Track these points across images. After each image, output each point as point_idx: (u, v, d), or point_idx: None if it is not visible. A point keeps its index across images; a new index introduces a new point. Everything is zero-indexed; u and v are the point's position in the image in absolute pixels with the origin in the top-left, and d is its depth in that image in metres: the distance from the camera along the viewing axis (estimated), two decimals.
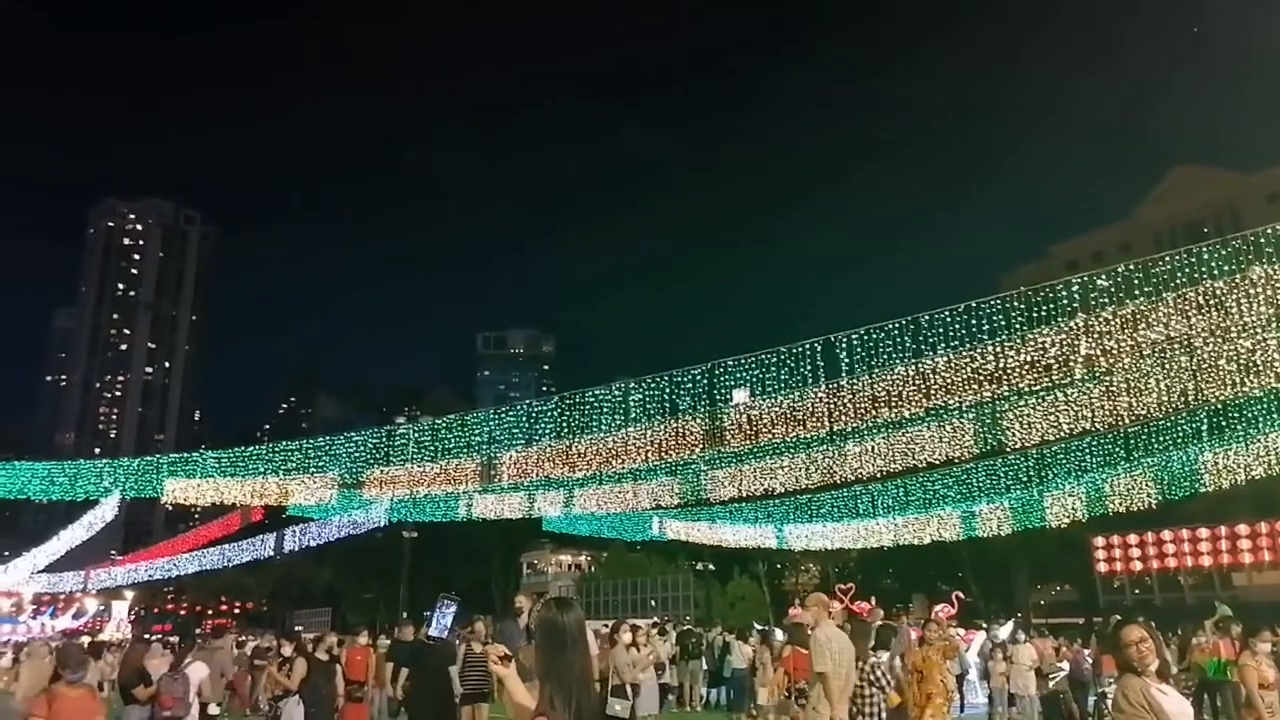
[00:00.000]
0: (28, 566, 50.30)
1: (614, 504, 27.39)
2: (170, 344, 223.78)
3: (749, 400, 18.31)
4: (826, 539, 34.06)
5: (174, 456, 28.91)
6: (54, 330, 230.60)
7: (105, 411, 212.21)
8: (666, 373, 18.78)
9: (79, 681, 7.09)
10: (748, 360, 17.56)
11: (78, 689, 6.96)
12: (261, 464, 25.57)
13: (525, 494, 27.94)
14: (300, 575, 78.36)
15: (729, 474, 23.83)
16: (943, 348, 16.08)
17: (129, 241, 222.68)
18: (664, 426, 19.19)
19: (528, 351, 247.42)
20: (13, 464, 30.12)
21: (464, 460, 23.39)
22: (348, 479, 25.76)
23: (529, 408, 22.29)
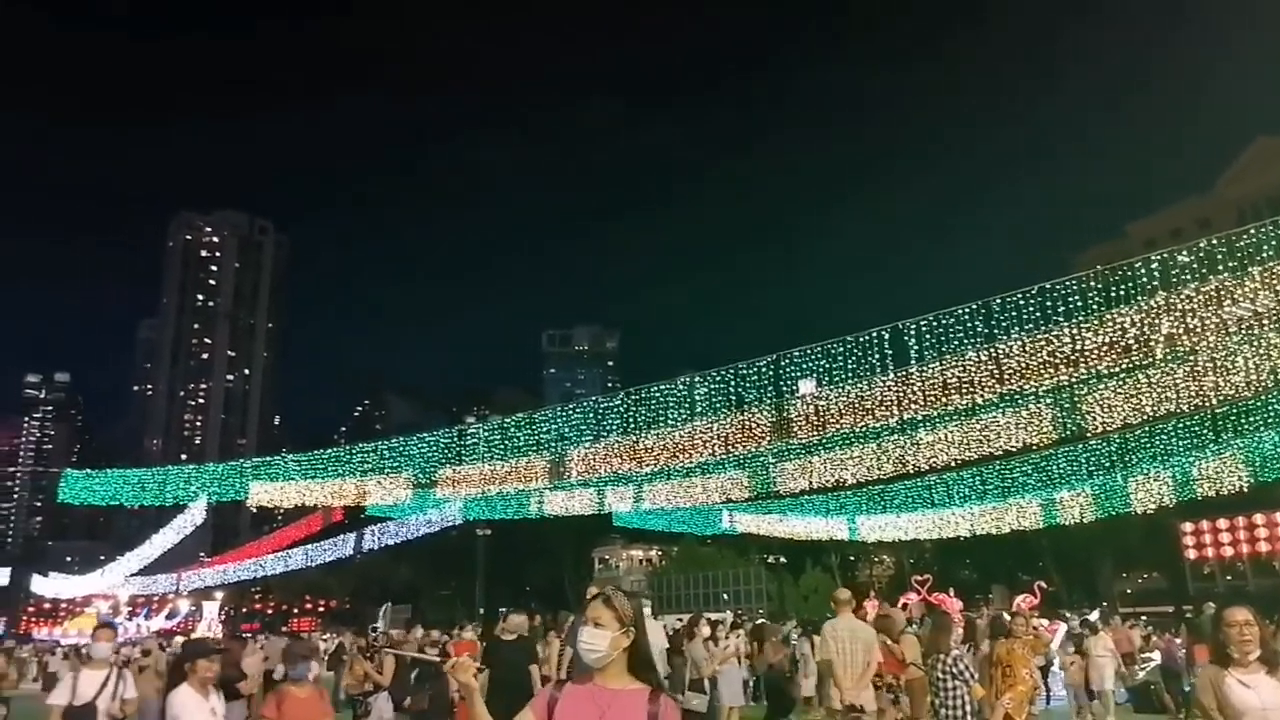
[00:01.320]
0: (123, 570, 52.63)
1: (683, 498, 27.39)
2: (249, 351, 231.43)
3: (816, 391, 18.13)
4: (900, 530, 33.55)
5: (257, 460, 29.87)
6: (139, 341, 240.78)
7: (190, 419, 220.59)
8: (732, 365, 18.72)
9: (303, 679, 6.74)
10: (814, 350, 17.38)
11: (305, 688, 6.60)
12: (339, 466, 26.28)
13: (594, 490, 28.12)
14: (379, 573, 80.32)
15: (798, 466, 23.61)
16: (1017, 331, 15.69)
17: (206, 253, 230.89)
18: (731, 419, 19.12)
19: (592, 348, 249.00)
20: (106, 472, 31.45)
21: (533, 458, 23.64)
22: (422, 479, 26.27)
23: (596, 404, 22.42)
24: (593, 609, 3.44)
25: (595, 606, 3.44)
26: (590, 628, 3.37)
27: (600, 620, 3.38)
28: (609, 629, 3.36)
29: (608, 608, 3.41)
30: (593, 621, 3.39)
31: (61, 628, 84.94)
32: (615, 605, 3.41)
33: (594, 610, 3.43)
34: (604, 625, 3.36)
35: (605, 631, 3.35)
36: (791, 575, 63.89)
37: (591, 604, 3.46)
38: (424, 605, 79.13)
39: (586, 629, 3.37)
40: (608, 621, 3.37)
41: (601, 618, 3.39)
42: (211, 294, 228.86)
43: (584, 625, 3.39)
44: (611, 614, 3.39)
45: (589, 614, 3.42)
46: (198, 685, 5.86)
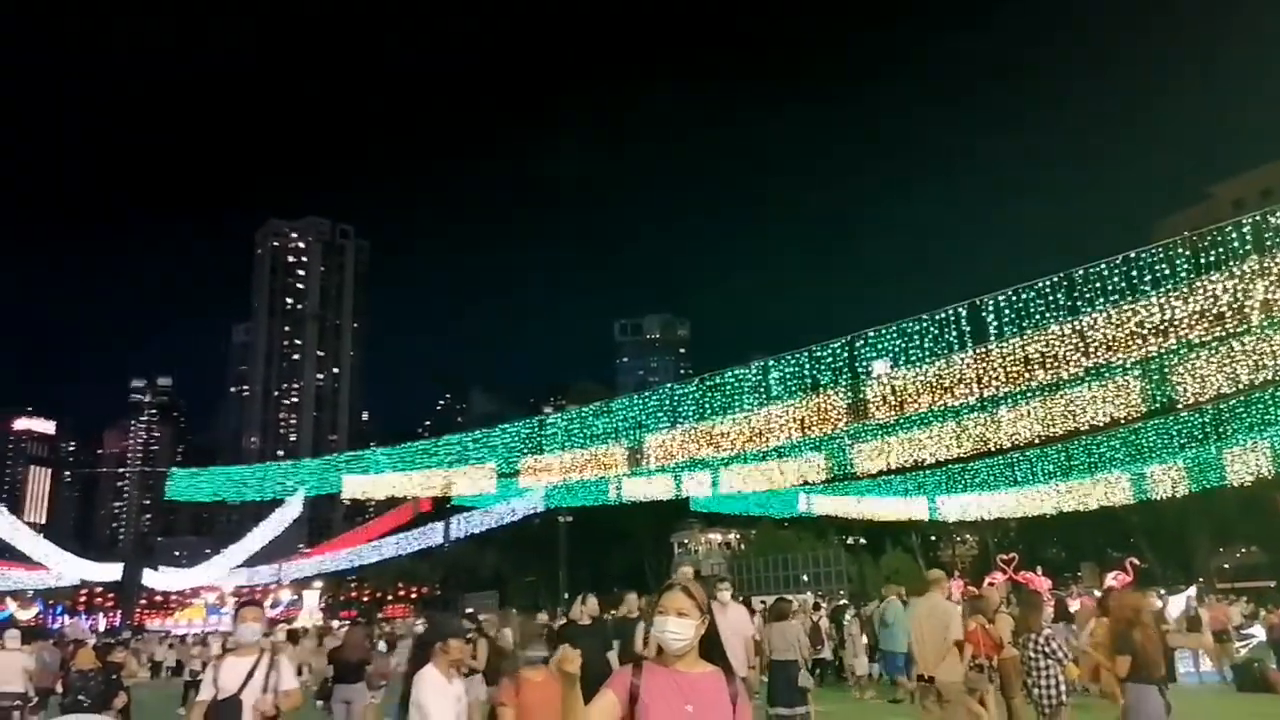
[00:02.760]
0: (227, 563, 55.36)
1: (760, 482, 27.44)
2: (336, 351, 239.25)
3: (892, 370, 17.98)
4: (983, 509, 32.94)
5: (348, 455, 31.07)
6: (234, 345, 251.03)
7: (284, 417, 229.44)
8: (805, 348, 18.69)
9: (537, 662, 6.12)
10: (889, 330, 17.23)
11: (539, 671, 5.98)
12: (426, 458, 27.17)
13: (672, 475, 28.39)
14: (467, 561, 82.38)
15: (875, 446, 23.42)
16: (1101, 303, 15.27)
17: (293, 259, 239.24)
18: (806, 402, 19.10)
19: (664, 336, 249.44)
20: (209, 470, 33.16)
21: (611, 445, 24.01)
22: (504, 468, 26.94)
23: (671, 391, 22.64)
24: (675, 599, 3.51)
25: (677, 597, 3.52)
26: (675, 618, 3.46)
27: (684, 610, 3.48)
28: (692, 618, 3.47)
29: (689, 597, 3.52)
30: (676, 611, 3.47)
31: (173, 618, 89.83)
32: (694, 594, 3.54)
33: (676, 600, 3.51)
34: (687, 615, 3.47)
35: (690, 620, 3.46)
36: (872, 556, 63.21)
37: (672, 594, 3.54)
38: (509, 591, 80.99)
39: (671, 619, 3.45)
40: (690, 610, 3.48)
41: (684, 607, 3.48)
42: (299, 297, 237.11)
43: (668, 615, 3.46)
44: (692, 603, 3.50)
45: (671, 604, 3.49)
46: (444, 667, 5.48)
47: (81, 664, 11.43)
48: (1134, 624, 7.81)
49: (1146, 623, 7.91)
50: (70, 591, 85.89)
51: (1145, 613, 8.03)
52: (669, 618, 3.46)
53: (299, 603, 75.96)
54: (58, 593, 78.94)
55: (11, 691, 13.60)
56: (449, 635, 5.56)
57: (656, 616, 3.51)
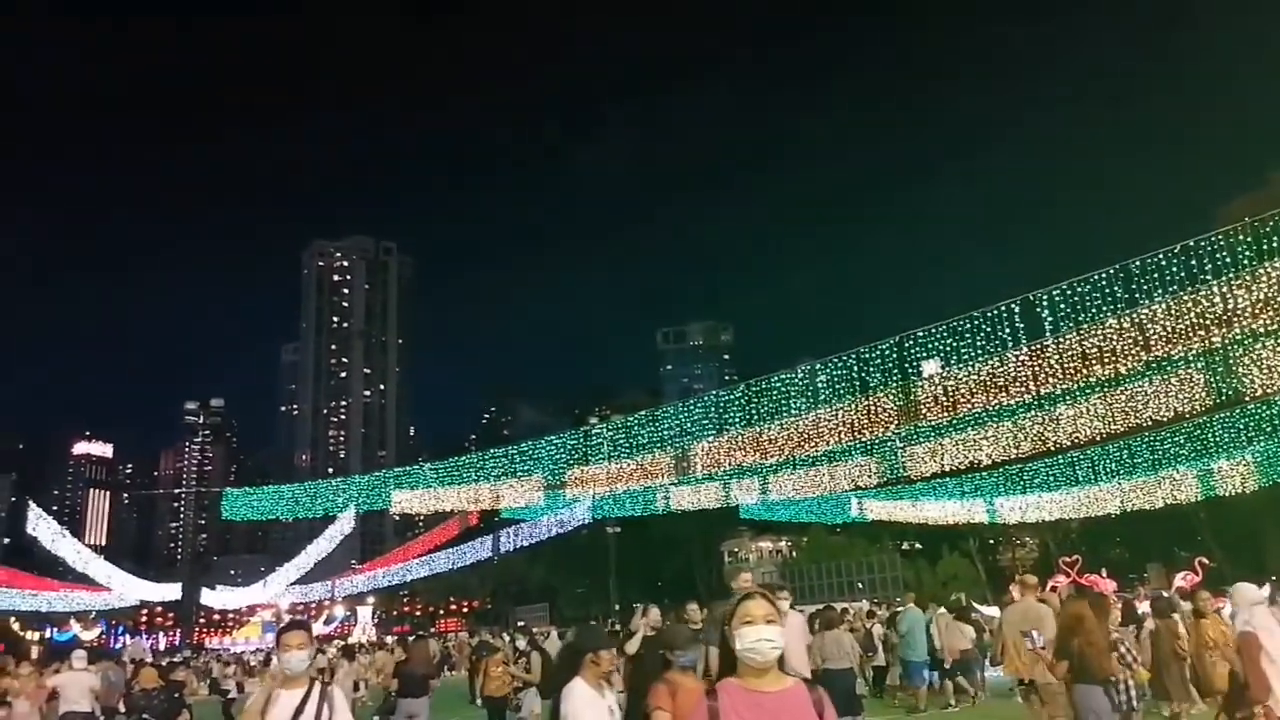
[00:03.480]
0: (282, 580, 56.22)
1: (810, 487, 27.12)
2: (382, 367, 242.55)
3: (943, 370, 17.61)
4: (1043, 510, 32.18)
5: (397, 470, 31.36)
6: (283, 365, 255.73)
7: (334, 434, 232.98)
8: (853, 350, 18.40)
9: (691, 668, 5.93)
10: (939, 329, 16.88)
11: (692, 678, 5.70)
12: (473, 471, 27.29)
13: (720, 483, 28.18)
14: (517, 573, 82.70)
15: (929, 449, 22.99)
16: (1160, 294, 14.80)
17: (338, 277, 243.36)
18: (855, 405, 18.80)
19: (707, 342, 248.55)
20: (263, 489, 33.69)
21: (658, 454, 23.89)
22: (551, 480, 26.95)
23: (717, 398, 22.45)
24: (761, 606, 3.21)
25: (762, 603, 3.23)
26: (766, 625, 3.16)
27: (771, 617, 3.19)
28: (780, 624, 3.22)
29: (769, 604, 3.25)
30: (765, 619, 3.17)
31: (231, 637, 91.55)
32: (774, 601, 3.29)
33: (763, 607, 3.21)
34: (775, 621, 3.19)
35: (780, 627, 3.20)
36: (928, 561, 62.10)
37: (755, 602, 3.24)
38: (560, 603, 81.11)
39: (764, 628, 3.15)
40: (776, 617, 3.22)
41: (771, 614, 3.20)
42: (345, 315, 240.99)
43: (758, 624, 3.15)
44: (774, 609, 3.25)
45: (759, 612, 3.18)
46: (594, 679, 5.04)
47: (145, 683, 11.59)
48: (1075, 631, 8.34)
49: (1089, 629, 8.35)
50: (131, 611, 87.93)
51: (1087, 620, 8.45)
52: (760, 626, 3.15)
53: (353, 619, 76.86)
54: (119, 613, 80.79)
55: (80, 711, 13.83)
56: (598, 645, 5.20)
57: (744, 628, 3.17)
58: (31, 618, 69.08)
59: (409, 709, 11.78)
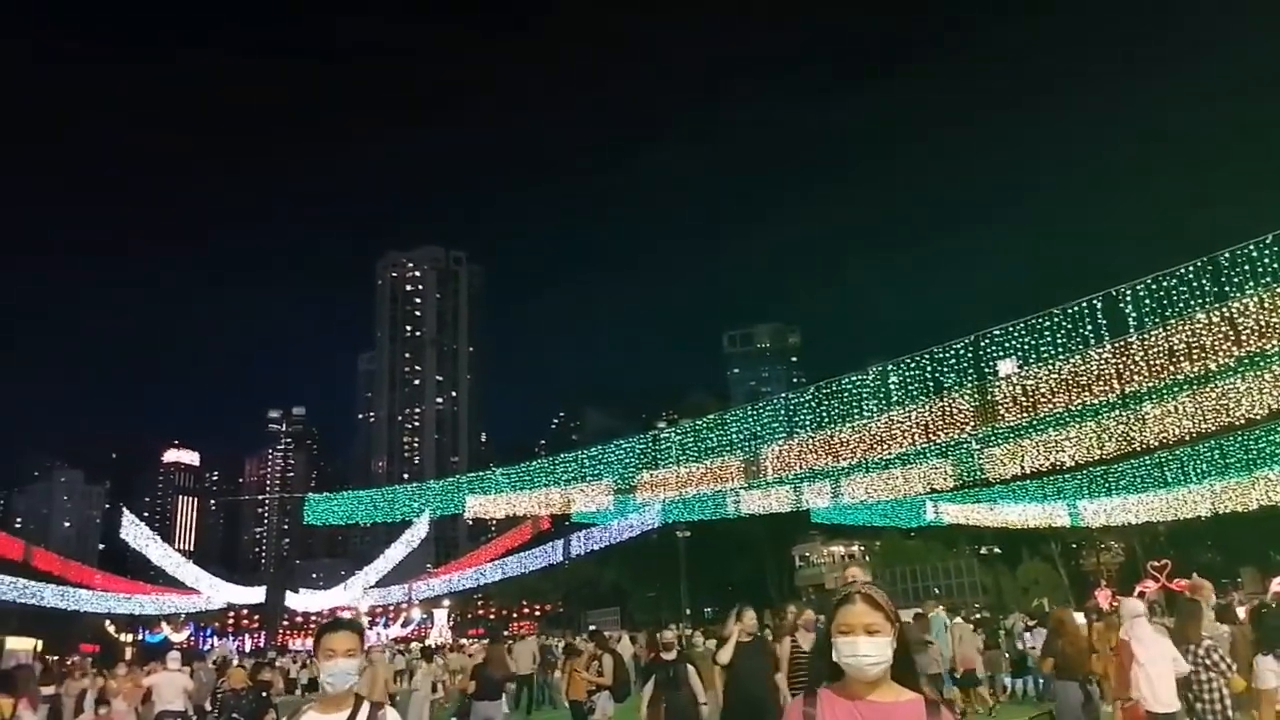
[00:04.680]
0: (361, 583, 57.68)
1: (883, 491, 26.72)
2: (454, 375, 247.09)
3: (1022, 370, 17.14)
4: (1130, 513, 31.04)
5: (470, 475, 31.93)
6: (360, 373, 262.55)
7: (408, 441, 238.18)
8: (926, 350, 18.03)
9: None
10: (1016, 327, 16.43)
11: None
12: (544, 476, 27.62)
13: (791, 487, 27.94)
14: (588, 577, 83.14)
15: (1007, 451, 22.42)
16: (1252, 286, 14.16)
17: (410, 287, 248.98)
18: (929, 406, 18.42)
19: (774, 345, 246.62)
20: (342, 494, 34.67)
21: (727, 458, 23.80)
22: (621, 484, 27.07)
23: (786, 400, 22.26)
24: (859, 613, 2.76)
25: (860, 609, 2.77)
26: (865, 638, 2.74)
27: (874, 626, 2.74)
28: (884, 634, 2.75)
29: (874, 607, 2.78)
30: (865, 629, 2.74)
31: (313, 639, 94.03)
32: (880, 602, 2.80)
33: (861, 614, 2.76)
34: (879, 631, 2.74)
35: (883, 638, 2.74)
36: (1007, 566, 60.42)
37: (851, 608, 2.79)
38: (631, 607, 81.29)
39: (862, 640, 2.73)
40: (880, 625, 2.76)
41: (874, 622, 2.75)
42: (418, 324, 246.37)
43: (855, 636, 2.74)
44: (881, 614, 2.77)
45: (857, 620, 2.75)
46: None
47: (234, 683, 11.99)
48: (1059, 634, 9.67)
49: (1071, 631, 9.79)
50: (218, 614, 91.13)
51: (1069, 624, 9.93)
52: (858, 639, 2.72)
53: (429, 621, 78.36)
54: (207, 615, 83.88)
55: (174, 710, 14.41)
56: None
57: (838, 638, 2.77)
58: (125, 620, 72.18)
59: (484, 711, 11.84)
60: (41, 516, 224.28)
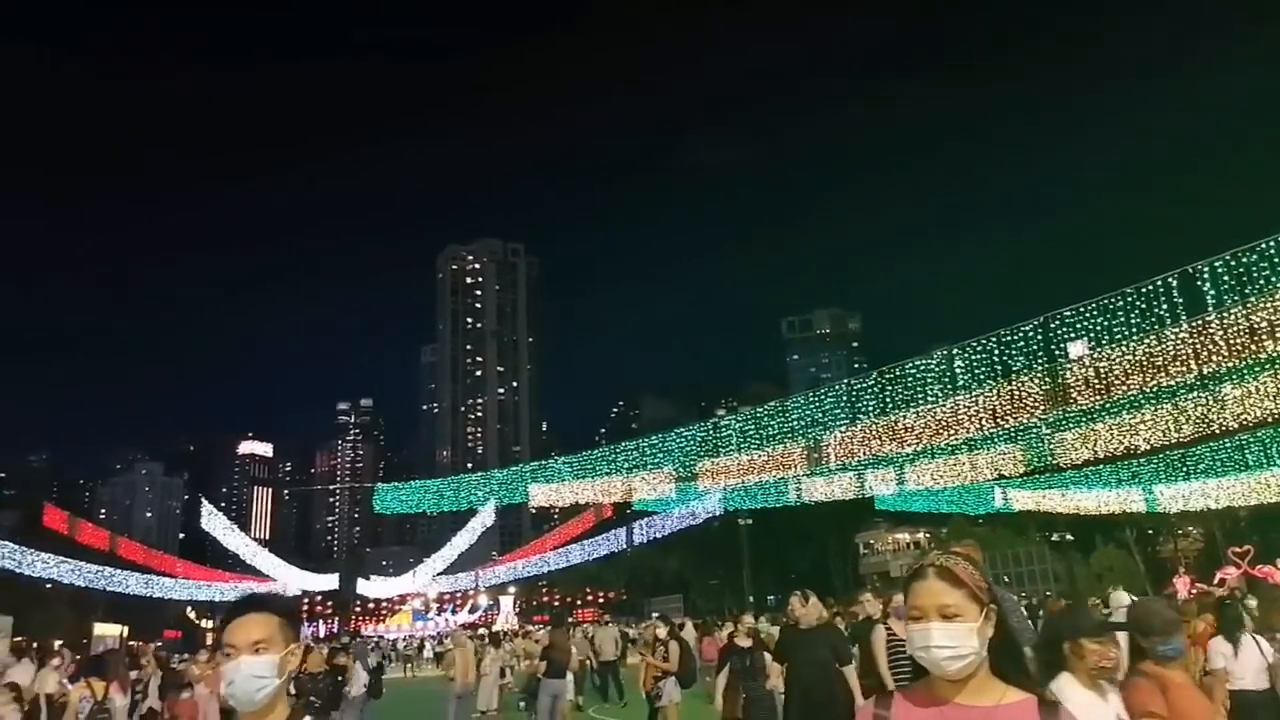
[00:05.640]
0: (430, 571, 58.94)
1: (950, 477, 26.29)
2: (514, 365, 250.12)
3: (1092, 351, 16.66)
4: (1209, 497, 30.01)
5: (533, 464, 32.31)
6: (423, 366, 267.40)
7: (471, 431, 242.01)
8: (993, 333, 17.65)
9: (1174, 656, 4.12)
10: (1088, 307, 15.97)
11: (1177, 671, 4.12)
12: (605, 465, 27.82)
13: (854, 474, 27.67)
14: (650, 565, 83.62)
15: (1079, 435, 21.84)
16: None
17: (470, 280, 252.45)
18: (997, 390, 18.05)
19: (834, 330, 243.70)
20: (410, 484, 35.40)
21: (788, 445, 23.66)
22: (682, 472, 27.13)
23: (849, 386, 22.02)
24: (930, 592, 2.12)
25: (933, 588, 2.12)
26: (939, 624, 2.08)
27: (952, 609, 2.08)
28: (968, 618, 2.08)
29: (954, 585, 2.11)
30: (939, 612, 2.09)
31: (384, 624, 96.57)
32: (965, 578, 2.13)
33: (935, 592, 2.12)
34: (960, 614, 2.08)
35: (966, 624, 2.07)
36: (1081, 553, 58.89)
37: (924, 584, 2.15)
38: (693, 595, 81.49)
39: (935, 626, 2.08)
40: (962, 606, 2.09)
41: (952, 602, 2.09)
42: (478, 316, 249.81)
43: (927, 621, 2.10)
44: (963, 593, 2.11)
45: (930, 600, 2.11)
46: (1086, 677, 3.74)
47: (312, 667, 12.37)
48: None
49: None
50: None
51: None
52: (930, 624, 2.09)
53: (496, 608, 79.71)
54: None
55: None
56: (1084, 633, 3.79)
57: (910, 625, 2.16)
58: (205, 607, 74.90)
59: (553, 689, 12.93)
60: (125, 508, 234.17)
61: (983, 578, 2.16)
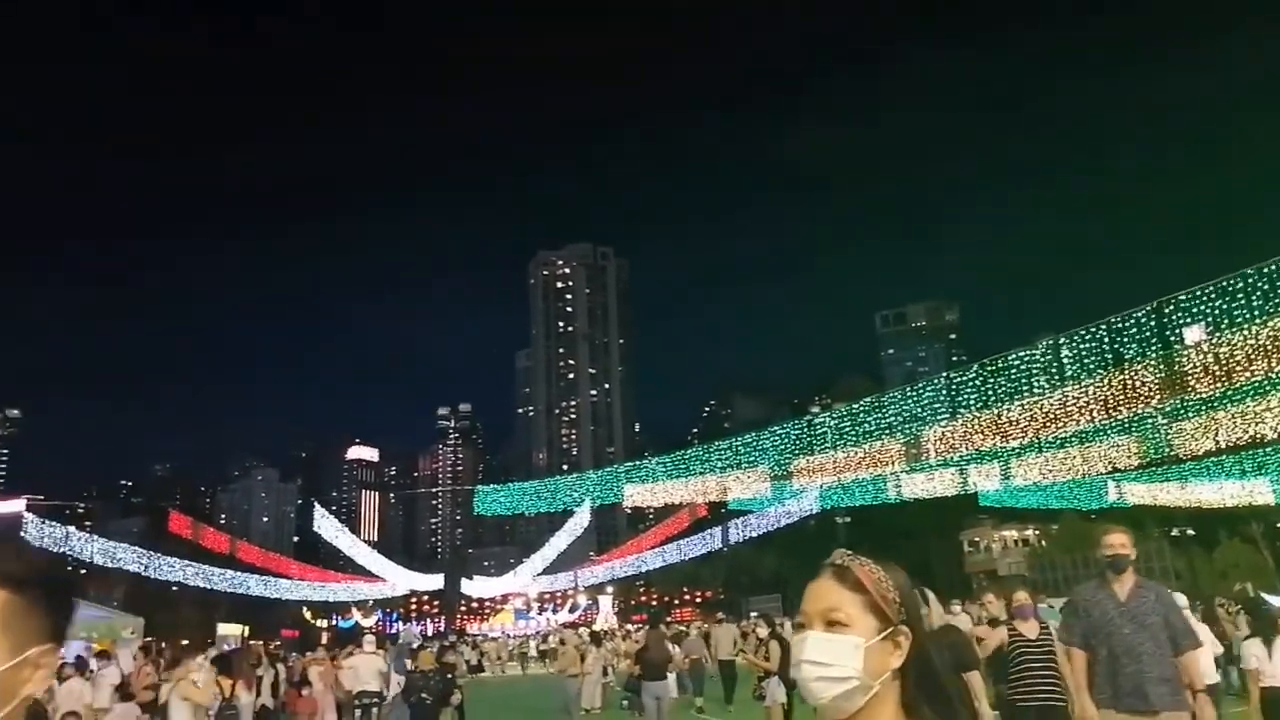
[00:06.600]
0: (530, 571, 60.15)
1: (1059, 471, 25.38)
2: (606, 367, 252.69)
3: (1210, 337, 15.81)
4: None
5: (628, 465, 32.63)
6: (518, 370, 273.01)
7: (565, 433, 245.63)
8: (1102, 320, 16.93)
9: None
10: (1205, 290, 15.17)
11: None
12: (700, 464, 27.87)
13: (956, 469, 27.02)
14: (747, 563, 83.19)
15: (1199, 424, 20.76)
16: None
17: (561, 284, 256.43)
18: (1108, 380, 17.30)
19: (930, 323, 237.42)
20: (508, 486, 36.26)
21: (886, 441, 23.26)
22: (777, 471, 26.96)
23: (948, 380, 21.48)
24: (816, 594, 1.67)
25: (823, 589, 1.67)
26: (816, 631, 1.62)
27: (836, 614, 1.61)
28: (856, 630, 1.59)
29: (852, 589, 1.63)
30: (821, 619, 1.63)
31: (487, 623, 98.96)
32: (867, 583, 1.64)
33: (820, 595, 1.66)
34: (847, 625, 1.60)
35: (850, 637, 1.58)
36: (1203, 548, 55.84)
37: (812, 588, 1.71)
38: (791, 593, 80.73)
39: (809, 635, 1.61)
40: (854, 616, 1.60)
41: (838, 609, 1.61)
42: (569, 320, 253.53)
43: (800, 629, 1.66)
44: (861, 600, 1.62)
45: (808, 605, 1.67)
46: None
47: (423, 665, 12.80)
48: None
49: None
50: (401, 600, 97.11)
51: None
52: (807, 632, 1.63)
53: (595, 607, 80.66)
54: (391, 601, 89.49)
55: (371, 689, 15.57)
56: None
57: (794, 637, 1.69)
58: (320, 607, 78.15)
59: (654, 690, 12.68)
60: (243, 512, 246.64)
61: (899, 591, 1.64)
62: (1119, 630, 5.52)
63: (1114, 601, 5.64)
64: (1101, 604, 5.69)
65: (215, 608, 71.57)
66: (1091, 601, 5.79)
